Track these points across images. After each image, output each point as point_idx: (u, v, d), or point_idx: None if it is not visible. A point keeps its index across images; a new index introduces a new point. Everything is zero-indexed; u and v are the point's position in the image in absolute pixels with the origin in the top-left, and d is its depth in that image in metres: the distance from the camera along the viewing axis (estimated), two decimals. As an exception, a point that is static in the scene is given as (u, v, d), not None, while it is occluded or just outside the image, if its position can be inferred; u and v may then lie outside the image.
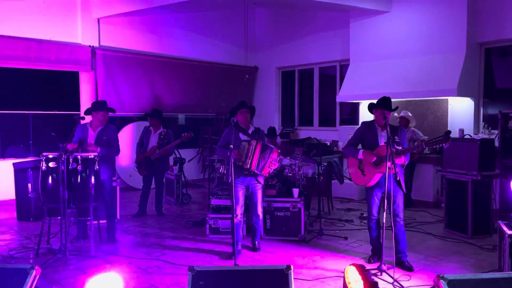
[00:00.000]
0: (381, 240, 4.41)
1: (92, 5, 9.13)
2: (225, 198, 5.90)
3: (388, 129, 4.33)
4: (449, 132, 4.35)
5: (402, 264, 4.59)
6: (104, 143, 5.47)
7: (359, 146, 4.87)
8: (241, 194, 5.13)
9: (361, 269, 3.44)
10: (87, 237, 5.40)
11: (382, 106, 4.64)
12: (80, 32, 9.09)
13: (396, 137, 4.56)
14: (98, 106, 5.64)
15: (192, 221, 6.61)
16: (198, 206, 7.92)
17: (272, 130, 7.67)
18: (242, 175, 5.06)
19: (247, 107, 5.22)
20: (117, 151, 5.61)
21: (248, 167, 4.95)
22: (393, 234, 4.65)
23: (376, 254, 4.83)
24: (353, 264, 3.56)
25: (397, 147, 4.47)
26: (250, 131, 5.17)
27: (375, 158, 4.59)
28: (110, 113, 5.70)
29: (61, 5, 8.84)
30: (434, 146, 4.43)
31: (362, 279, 3.32)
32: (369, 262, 4.83)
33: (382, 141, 4.64)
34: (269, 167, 5.01)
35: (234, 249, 4.63)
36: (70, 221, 5.20)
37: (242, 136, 5.12)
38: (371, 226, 4.82)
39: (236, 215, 5.01)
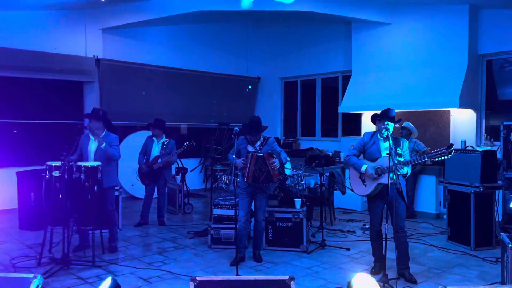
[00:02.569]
0: (383, 252, 4.40)
1: (96, 16, 9.22)
2: (227, 208, 5.89)
3: (390, 140, 4.34)
4: (452, 145, 4.37)
5: (405, 276, 4.58)
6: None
7: (361, 157, 4.88)
8: (246, 202, 5.17)
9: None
10: (89, 247, 5.39)
11: (385, 117, 4.65)
12: (84, 43, 9.17)
13: (398, 148, 4.57)
14: (91, 114, 5.61)
15: (194, 231, 6.60)
16: (200, 216, 7.91)
17: (276, 141, 7.66)
18: (246, 184, 5.12)
19: (260, 130, 5.21)
20: (118, 153, 5.62)
21: (245, 179, 5.06)
22: (396, 245, 4.64)
23: (378, 266, 4.81)
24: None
25: (399, 159, 4.48)
26: (258, 143, 5.22)
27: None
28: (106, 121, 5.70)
29: (66, 16, 8.92)
30: (436, 159, 4.42)
31: None
32: (371, 273, 4.81)
33: (384, 152, 4.65)
34: (273, 170, 5.02)
35: (237, 256, 4.70)
36: (72, 230, 5.19)
37: (250, 148, 5.20)
38: (374, 237, 4.81)
39: (239, 221, 5.09)
